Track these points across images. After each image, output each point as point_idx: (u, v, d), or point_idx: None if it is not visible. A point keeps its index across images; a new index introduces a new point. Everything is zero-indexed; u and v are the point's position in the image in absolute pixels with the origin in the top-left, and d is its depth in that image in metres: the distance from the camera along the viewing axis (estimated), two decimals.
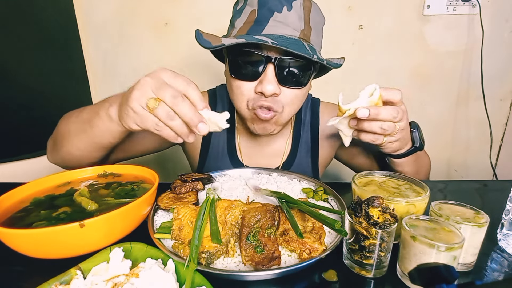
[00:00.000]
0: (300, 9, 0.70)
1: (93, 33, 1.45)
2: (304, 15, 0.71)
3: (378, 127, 0.62)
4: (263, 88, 0.70)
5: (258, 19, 0.70)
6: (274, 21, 0.69)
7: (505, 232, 0.55)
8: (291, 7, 0.69)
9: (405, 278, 0.46)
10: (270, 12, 0.69)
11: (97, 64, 1.50)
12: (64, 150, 0.72)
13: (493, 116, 1.49)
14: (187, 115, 0.52)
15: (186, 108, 0.52)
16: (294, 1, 0.70)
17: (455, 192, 0.85)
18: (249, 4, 0.72)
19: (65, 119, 0.75)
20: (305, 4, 0.71)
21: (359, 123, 0.63)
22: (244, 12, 0.73)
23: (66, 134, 0.71)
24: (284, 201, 0.57)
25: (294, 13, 0.69)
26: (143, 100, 0.52)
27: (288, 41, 0.66)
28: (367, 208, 0.47)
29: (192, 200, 0.61)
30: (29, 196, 0.59)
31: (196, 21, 1.43)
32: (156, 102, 0.51)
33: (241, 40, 0.64)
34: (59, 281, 0.42)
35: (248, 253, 0.48)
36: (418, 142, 0.73)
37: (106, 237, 0.50)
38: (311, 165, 0.95)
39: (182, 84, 0.53)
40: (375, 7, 1.41)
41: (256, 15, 0.70)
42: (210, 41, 0.68)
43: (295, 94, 0.75)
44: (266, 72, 0.70)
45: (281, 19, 0.69)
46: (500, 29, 1.44)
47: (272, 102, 0.73)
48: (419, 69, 1.51)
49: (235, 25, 0.75)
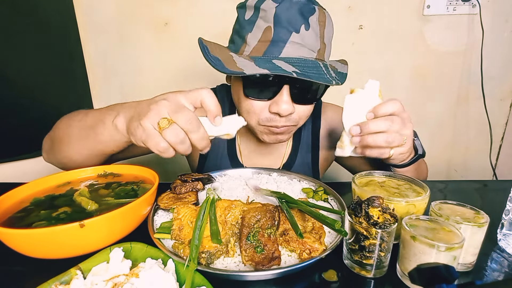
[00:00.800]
0: (316, 26, 0.67)
1: (93, 33, 1.45)
2: (319, 31, 0.68)
3: (383, 140, 0.60)
4: (279, 109, 0.69)
5: (274, 39, 0.65)
6: (293, 42, 0.65)
7: (505, 232, 0.55)
8: (309, 25, 0.65)
9: (405, 278, 0.46)
10: (288, 32, 0.65)
11: (97, 64, 1.50)
12: (63, 153, 0.71)
13: (493, 116, 1.49)
14: (199, 142, 0.52)
15: (200, 135, 0.52)
16: (311, 16, 0.66)
17: (455, 192, 0.85)
18: (263, 18, 0.66)
19: (65, 121, 0.73)
20: (320, 19, 0.68)
21: (362, 139, 0.61)
22: (257, 26, 0.67)
23: (66, 138, 0.70)
24: (284, 201, 0.57)
25: (311, 31, 0.66)
26: (156, 119, 0.50)
27: (307, 66, 0.64)
28: (367, 208, 0.47)
29: (192, 200, 0.61)
30: (29, 196, 0.59)
31: (196, 21, 1.43)
32: (168, 122, 0.50)
33: (264, 70, 0.61)
34: (59, 281, 0.42)
35: (248, 253, 0.48)
36: (421, 150, 0.72)
37: (106, 237, 0.50)
38: (312, 166, 0.95)
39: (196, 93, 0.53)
40: (375, 7, 1.42)
41: (273, 35, 0.65)
42: (221, 59, 0.65)
43: (308, 109, 0.76)
44: (281, 93, 0.69)
45: (299, 40, 0.65)
46: (500, 29, 1.44)
47: (286, 121, 0.73)
48: (419, 69, 1.51)
49: (247, 41, 0.69)
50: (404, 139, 0.62)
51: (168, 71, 1.51)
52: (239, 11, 0.74)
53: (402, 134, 0.62)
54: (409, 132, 0.64)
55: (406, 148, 0.65)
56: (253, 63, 0.64)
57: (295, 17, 0.65)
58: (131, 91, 1.52)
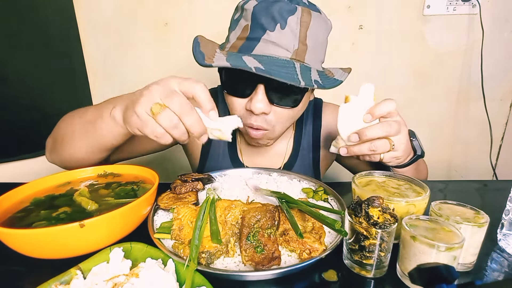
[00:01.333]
0: (296, 26, 0.65)
1: (93, 33, 1.45)
2: (300, 32, 0.66)
3: (367, 149, 0.63)
4: (252, 107, 0.69)
5: (249, 37, 0.67)
6: (265, 40, 0.65)
7: (505, 232, 0.55)
8: (286, 24, 0.64)
9: (405, 278, 0.46)
10: (262, 30, 0.65)
11: (97, 64, 1.50)
12: (66, 151, 0.71)
13: (493, 116, 1.49)
14: (193, 126, 0.52)
15: (194, 119, 0.52)
16: (290, 16, 0.65)
17: (455, 192, 0.85)
18: (244, 17, 0.68)
19: (67, 119, 0.74)
20: (302, 20, 0.66)
21: (348, 149, 0.65)
22: (239, 25, 0.70)
23: (68, 135, 0.70)
24: (284, 201, 0.57)
25: (288, 31, 0.65)
26: (149, 105, 0.51)
27: (276, 64, 0.63)
28: (367, 208, 0.47)
29: (192, 200, 0.61)
30: (29, 196, 0.59)
31: (196, 21, 1.43)
32: (161, 107, 0.50)
33: (226, 64, 0.62)
34: (59, 281, 0.42)
35: (248, 253, 0.48)
36: (420, 150, 0.72)
37: (106, 237, 0.50)
38: (313, 167, 0.95)
39: (190, 85, 0.52)
40: (375, 7, 1.41)
41: (249, 32, 0.67)
42: (204, 54, 0.67)
43: (286, 114, 0.74)
44: (256, 91, 0.69)
45: (273, 38, 0.65)
46: (500, 29, 1.44)
47: (261, 121, 0.73)
48: (419, 69, 1.51)
49: (230, 38, 0.72)
50: (392, 144, 0.63)
51: (168, 71, 1.51)
52: (233, 14, 0.76)
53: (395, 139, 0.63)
54: (402, 136, 0.64)
55: (400, 152, 0.66)
56: (224, 58, 0.65)
57: (271, 15, 0.64)
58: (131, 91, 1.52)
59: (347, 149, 0.65)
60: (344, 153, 0.66)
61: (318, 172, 0.96)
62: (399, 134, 0.63)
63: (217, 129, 0.56)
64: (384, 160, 0.67)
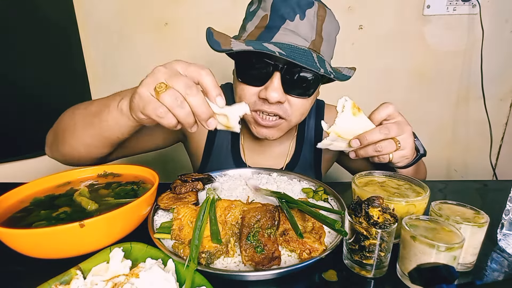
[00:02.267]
0: (313, 19, 0.69)
1: (93, 33, 1.45)
2: (316, 25, 0.69)
3: (373, 150, 0.64)
4: (268, 95, 0.69)
5: (269, 26, 0.69)
6: (285, 29, 0.67)
7: (505, 232, 0.55)
8: (304, 15, 0.68)
9: (405, 278, 0.46)
10: (282, 19, 0.67)
11: (97, 64, 1.50)
12: (68, 144, 0.69)
13: (493, 116, 1.49)
14: (199, 107, 0.50)
15: (199, 99, 0.50)
16: (308, 9, 0.68)
17: (455, 192, 0.85)
18: (262, 8, 0.71)
19: (69, 112, 0.72)
20: (319, 13, 0.70)
21: (356, 152, 0.67)
22: (256, 15, 0.71)
23: (71, 127, 0.68)
24: (284, 201, 0.57)
25: (306, 22, 0.68)
26: (152, 86, 0.50)
27: (296, 52, 0.65)
28: (367, 208, 0.47)
29: (192, 200, 0.60)
30: (29, 196, 0.59)
31: (196, 21, 1.43)
32: (165, 87, 0.49)
33: (249, 47, 0.63)
34: (59, 281, 0.42)
35: (248, 253, 0.48)
36: (422, 149, 0.73)
37: (106, 237, 0.50)
38: (314, 168, 0.96)
39: (195, 71, 0.51)
40: (375, 7, 1.42)
41: (268, 21, 0.69)
42: (220, 42, 0.67)
43: (301, 103, 0.75)
44: (272, 80, 0.69)
45: (293, 27, 0.67)
46: (500, 29, 1.44)
47: (277, 109, 0.73)
48: (419, 69, 1.51)
49: (246, 28, 0.73)
50: (398, 143, 0.64)
51: None
52: (247, 7, 0.77)
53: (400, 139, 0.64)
54: (406, 135, 0.65)
55: (407, 150, 0.66)
56: (243, 44, 0.65)
57: (291, 6, 0.68)
58: None
59: (355, 153, 0.67)
60: (353, 156, 0.68)
61: (319, 173, 0.96)
62: (403, 133, 0.64)
63: (223, 115, 0.54)
64: (394, 160, 0.67)
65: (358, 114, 0.62)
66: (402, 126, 0.64)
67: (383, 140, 0.63)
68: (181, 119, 0.51)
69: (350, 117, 0.61)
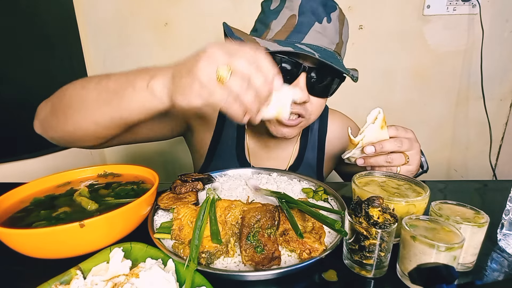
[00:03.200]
0: (336, 22, 0.71)
1: (93, 33, 1.45)
2: (339, 28, 0.72)
3: (384, 160, 0.66)
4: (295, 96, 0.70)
5: (298, 27, 0.69)
6: (315, 31, 0.68)
7: (505, 232, 0.55)
8: (330, 19, 0.70)
9: (405, 278, 0.46)
10: (312, 21, 0.68)
11: (97, 64, 1.50)
12: (72, 123, 0.60)
13: (493, 116, 1.49)
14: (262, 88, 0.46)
15: (262, 79, 0.46)
16: (333, 12, 0.70)
17: (455, 192, 0.85)
18: (288, 8, 0.70)
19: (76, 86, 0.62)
20: (340, 17, 0.72)
21: (365, 160, 0.68)
22: (282, 14, 0.71)
23: (78, 104, 0.59)
24: (284, 201, 0.57)
25: (332, 25, 0.70)
26: (213, 70, 0.45)
27: (329, 55, 0.67)
28: (367, 208, 0.47)
29: (192, 200, 0.61)
30: (29, 196, 0.59)
31: (196, 21, 1.43)
32: (228, 71, 0.44)
33: (287, 48, 0.63)
34: (59, 281, 0.42)
35: (248, 253, 0.48)
36: (426, 166, 0.74)
37: (106, 237, 0.50)
38: (316, 171, 0.96)
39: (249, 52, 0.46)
40: (375, 7, 1.42)
41: (297, 22, 0.69)
42: (243, 39, 0.68)
43: (320, 103, 0.77)
44: (298, 80, 0.70)
45: (321, 29, 0.69)
46: (500, 29, 1.44)
47: (299, 108, 0.74)
48: (419, 69, 1.51)
49: (271, 27, 0.72)
50: (407, 158, 0.66)
51: None
52: (265, 4, 0.76)
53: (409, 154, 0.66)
54: (415, 152, 0.67)
55: (414, 166, 0.68)
56: (276, 44, 0.66)
57: (319, 9, 0.69)
58: None
59: (364, 160, 0.68)
60: (361, 163, 0.69)
61: (321, 177, 0.97)
62: (413, 149, 0.67)
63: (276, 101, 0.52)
64: (400, 173, 0.68)
65: (384, 127, 0.65)
66: (413, 142, 0.67)
67: (395, 152, 0.65)
68: (248, 105, 0.47)
69: (378, 129, 0.64)
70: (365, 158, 0.68)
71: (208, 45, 0.47)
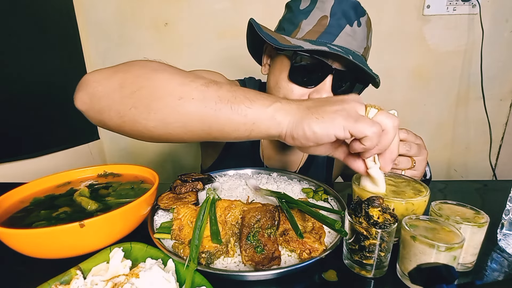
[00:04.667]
0: (365, 27, 0.71)
1: (93, 33, 1.45)
2: (367, 33, 0.73)
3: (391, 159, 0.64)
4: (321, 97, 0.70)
5: (330, 28, 0.69)
6: (346, 33, 0.69)
7: (505, 232, 0.55)
8: (360, 23, 0.70)
9: (405, 278, 0.46)
10: (343, 23, 0.69)
11: (97, 64, 1.50)
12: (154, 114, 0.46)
13: (493, 116, 1.49)
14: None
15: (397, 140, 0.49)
16: (362, 17, 0.71)
17: (455, 192, 0.85)
18: (319, 9, 0.70)
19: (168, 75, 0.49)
20: (368, 23, 0.73)
21: None
22: (312, 14, 0.71)
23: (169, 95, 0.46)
24: (284, 201, 0.57)
25: (362, 29, 0.70)
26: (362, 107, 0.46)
27: (359, 58, 0.67)
28: (367, 208, 0.47)
29: (192, 200, 0.61)
30: (29, 196, 0.59)
31: (196, 21, 1.43)
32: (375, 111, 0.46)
33: (323, 48, 0.63)
34: (59, 281, 0.42)
35: (248, 253, 0.48)
36: (429, 175, 0.74)
37: (106, 237, 0.50)
38: (326, 173, 0.97)
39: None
40: (375, 7, 1.41)
41: (328, 23, 0.69)
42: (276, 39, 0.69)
43: None
44: (325, 82, 0.70)
45: (351, 33, 0.69)
46: (500, 29, 1.44)
47: None
48: (419, 69, 1.51)
49: (301, 26, 0.72)
50: (413, 163, 0.66)
51: None
52: (293, 4, 0.75)
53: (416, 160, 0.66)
54: (422, 158, 0.67)
55: (419, 172, 0.68)
56: (308, 43, 0.66)
57: (350, 12, 0.69)
58: None
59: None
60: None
61: (330, 178, 0.98)
62: (421, 156, 0.66)
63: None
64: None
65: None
66: (421, 148, 0.67)
67: (402, 156, 0.65)
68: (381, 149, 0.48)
69: None
70: None
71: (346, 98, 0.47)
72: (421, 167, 0.68)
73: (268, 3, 1.35)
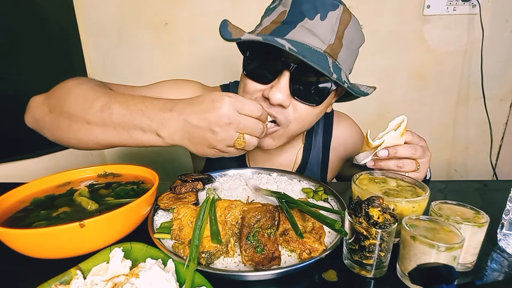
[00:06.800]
0: (335, 21, 0.64)
1: (93, 33, 1.45)
2: (338, 29, 0.65)
3: (394, 165, 0.65)
4: (271, 94, 0.64)
5: (286, 21, 0.65)
6: (302, 27, 0.63)
7: (505, 232, 0.55)
8: (326, 16, 0.63)
9: (405, 278, 0.46)
10: (301, 16, 0.63)
11: (97, 64, 1.50)
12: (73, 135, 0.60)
13: (493, 116, 1.49)
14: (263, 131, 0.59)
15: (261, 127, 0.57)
16: (331, 11, 0.64)
17: (455, 192, 0.85)
18: (283, 4, 0.67)
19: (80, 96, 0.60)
20: (342, 17, 0.65)
21: (376, 163, 0.67)
22: (275, 11, 0.68)
23: (83, 124, 0.58)
24: (284, 201, 0.57)
25: (327, 23, 0.63)
26: (231, 142, 0.55)
27: (309, 51, 0.60)
28: (367, 208, 0.47)
29: (192, 200, 0.61)
30: (29, 196, 0.59)
31: (196, 21, 1.43)
32: (243, 141, 0.56)
33: (257, 38, 0.58)
34: (59, 281, 0.42)
35: (248, 253, 0.48)
36: (429, 175, 0.74)
37: (106, 237, 0.50)
38: (320, 176, 0.94)
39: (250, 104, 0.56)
40: (375, 7, 1.42)
41: (286, 17, 0.65)
42: (231, 33, 0.64)
43: (306, 112, 0.69)
44: (279, 79, 0.65)
45: (311, 26, 0.63)
46: (500, 29, 1.44)
47: (277, 112, 0.67)
48: (419, 69, 1.51)
49: (262, 22, 0.70)
50: (417, 165, 0.66)
51: (168, 71, 1.51)
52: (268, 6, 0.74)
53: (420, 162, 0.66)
54: (426, 160, 0.67)
55: (422, 174, 0.68)
56: (255, 36, 0.61)
57: (313, 4, 0.63)
58: None
59: (374, 162, 0.68)
60: (371, 165, 0.68)
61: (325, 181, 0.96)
62: (424, 158, 0.66)
63: None
64: None
65: (404, 135, 0.64)
66: (425, 151, 0.66)
67: (406, 158, 0.65)
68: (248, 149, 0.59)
69: (398, 136, 0.64)
70: (376, 161, 0.67)
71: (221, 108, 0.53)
72: (424, 169, 0.67)
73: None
